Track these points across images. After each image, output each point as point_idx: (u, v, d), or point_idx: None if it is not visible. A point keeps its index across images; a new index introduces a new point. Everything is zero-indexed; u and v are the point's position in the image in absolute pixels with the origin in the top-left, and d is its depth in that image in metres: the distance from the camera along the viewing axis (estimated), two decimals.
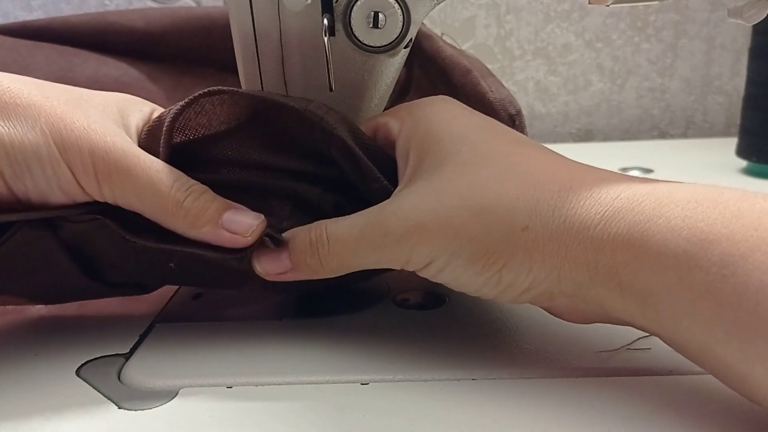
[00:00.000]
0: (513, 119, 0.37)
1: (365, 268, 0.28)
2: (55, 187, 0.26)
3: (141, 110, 0.31)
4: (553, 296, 0.25)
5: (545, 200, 0.24)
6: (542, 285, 0.25)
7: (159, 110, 0.32)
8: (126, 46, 0.48)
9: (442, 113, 0.29)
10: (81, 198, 0.27)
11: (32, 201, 0.27)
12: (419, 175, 0.27)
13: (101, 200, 0.28)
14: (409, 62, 0.45)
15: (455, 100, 0.31)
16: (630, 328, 0.28)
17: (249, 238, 0.28)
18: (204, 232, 0.28)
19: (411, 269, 0.27)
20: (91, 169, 0.26)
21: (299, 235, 0.28)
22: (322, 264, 0.28)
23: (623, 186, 0.24)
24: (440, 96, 0.31)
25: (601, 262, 0.23)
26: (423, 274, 0.27)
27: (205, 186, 0.28)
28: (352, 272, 0.28)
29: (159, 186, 0.27)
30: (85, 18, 0.49)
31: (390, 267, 0.28)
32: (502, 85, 0.38)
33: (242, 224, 0.27)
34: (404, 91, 0.47)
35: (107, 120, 0.28)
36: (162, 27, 0.48)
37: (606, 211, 0.23)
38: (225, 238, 0.28)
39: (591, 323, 0.27)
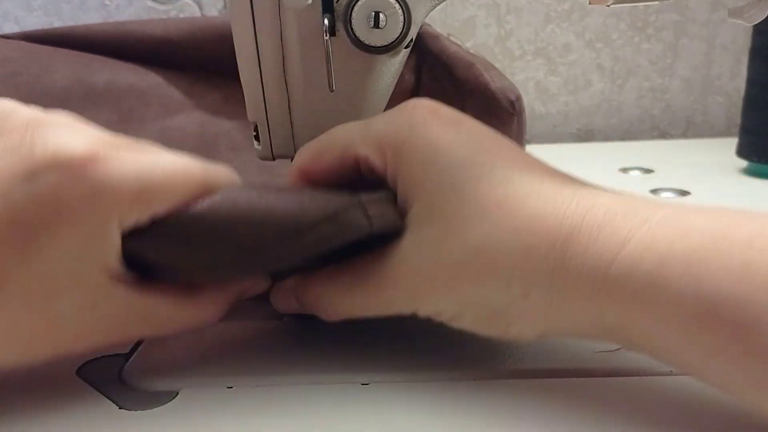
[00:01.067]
0: (513, 105, 0.41)
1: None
2: None
3: None
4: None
5: (541, 269, 0.24)
6: (552, 334, 0.25)
7: None
8: (144, 53, 0.49)
9: (423, 146, 0.26)
10: None
11: None
12: (412, 222, 0.26)
13: None
14: (417, 68, 0.46)
15: (437, 106, 0.27)
16: None
17: None
18: None
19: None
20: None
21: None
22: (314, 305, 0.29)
23: (621, 238, 0.23)
24: (421, 103, 0.27)
25: (608, 321, 0.23)
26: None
27: None
28: None
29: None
30: (106, 26, 0.51)
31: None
32: (505, 77, 0.40)
33: None
34: (413, 97, 0.47)
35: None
36: (180, 35, 0.49)
37: (604, 281, 0.23)
38: None
39: None
